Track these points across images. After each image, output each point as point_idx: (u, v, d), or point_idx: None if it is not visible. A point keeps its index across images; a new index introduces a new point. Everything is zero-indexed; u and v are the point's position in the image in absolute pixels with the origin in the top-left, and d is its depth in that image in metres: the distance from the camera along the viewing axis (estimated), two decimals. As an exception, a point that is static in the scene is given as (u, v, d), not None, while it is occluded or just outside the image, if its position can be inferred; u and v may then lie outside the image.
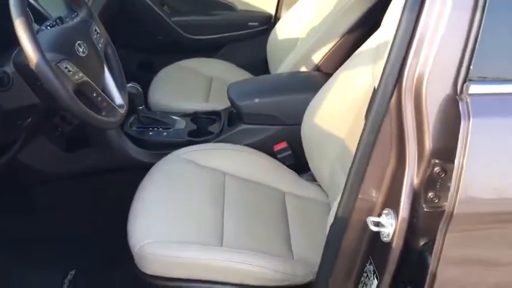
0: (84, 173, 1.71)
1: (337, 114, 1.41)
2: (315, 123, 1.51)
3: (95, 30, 1.33)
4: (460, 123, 0.78)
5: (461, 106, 0.79)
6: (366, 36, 1.43)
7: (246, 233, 1.33)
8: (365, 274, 1.00)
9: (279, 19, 2.42)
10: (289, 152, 1.68)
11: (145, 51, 2.49)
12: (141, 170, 1.53)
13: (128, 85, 1.56)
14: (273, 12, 2.58)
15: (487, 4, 0.78)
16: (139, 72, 2.45)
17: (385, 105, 0.88)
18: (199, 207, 1.38)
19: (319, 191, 1.58)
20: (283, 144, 1.69)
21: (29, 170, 1.64)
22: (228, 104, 1.83)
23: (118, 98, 1.33)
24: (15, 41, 1.17)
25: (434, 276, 0.85)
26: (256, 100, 1.69)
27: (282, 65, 1.95)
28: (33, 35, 1.04)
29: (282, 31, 2.21)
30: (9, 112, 1.17)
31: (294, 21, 2.14)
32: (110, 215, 1.48)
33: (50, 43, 1.13)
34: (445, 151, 0.82)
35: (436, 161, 0.84)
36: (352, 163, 0.96)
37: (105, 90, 1.28)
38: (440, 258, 0.84)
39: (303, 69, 1.84)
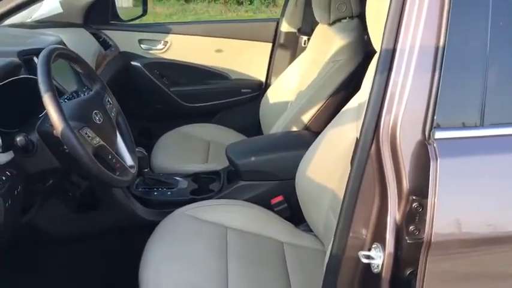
0: (94, 233, 1.81)
1: (327, 166, 1.54)
2: (308, 177, 1.63)
3: (108, 101, 1.49)
4: (429, 164, 0.93)
5: (430, 149, 0.94)
6: (349, 97, 1.58)
7: (248, 278, 1.42)
8: (360, 306, 1.10)
9: (269, 85, 2.61)
10: (286, 205, 1.80)
11: (145, 118, 2.67)
12: (148, 227, 1.62)
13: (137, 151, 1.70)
14: (263, 79, 2.78)
15: (443, 65, 0.95)
16: (140, 138, 2.61)
17: (366, 152, 1.02)
18: (204, 261, 1.47)
19: (315, 240, 1.67)
20: (280, 198, 1.81)
21: (38, 231, 1.73)
22: (225, 164, 1.97)
23: (129, 160, 1.48)
24: (36, 112, 1.33)
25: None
26: (253, 158, 1.84)
27: (274, 126, 2.12)
28: (60, 107, 1.19)
29: (272, 96, 2.40)
30: (33, 176, 1.30)
31: (283, 87, 2.34)
32: (118, 272, 1.57)
33: (71, 113, 1.28)
34: (420, 188, 0.95)
35: (414, 198, 0.97)
36: (342, 205, 1.09)
37: (117, 153, 1.42)
38: (424, 283, 0.96)
39: (294, 129, 2.01)
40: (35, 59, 1.56)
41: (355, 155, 1.06)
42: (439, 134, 0.95)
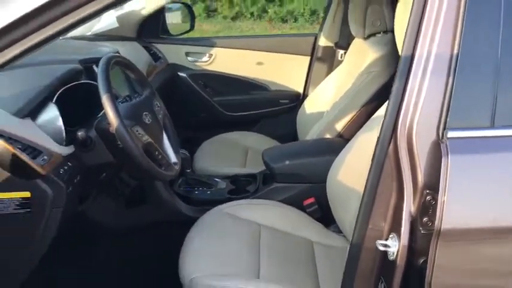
0: (141, 227, 1.97)
1: (356, 170, 1.64)
2: (338, 180, 1.73)
3: (156, 104, 1.66)
4: (441, 160, 1.02)
5: (442, 147, 1.03)
6: (381, 107, 1.69)
7: (278, 271, 1.53)
8: (379, 292, 1.20)
9: (306, 97, 2.74)
10: (317, 206, 1.90)
11: (190, 126, 2.84)
12: (189, 223, 1.76)
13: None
14: (301, 91, 2.91)
15: (457, 69, 1.05)
16: (185, 144, 2.78)
17: (385, 151, 1.13)
18: (238, 254, 1.59)
19: (344, 241, 1.75)
20: (311, 200, 1.91)
21: (92, 224, 1.91)
22: (262, 168, 2.10)
23: (173, 157, 1.63)
24: (95, 113, 1.51)
25: (429, 285, 1.05)
26: (287, 162, 1.96)
27: (309, 134, 2.23)
28: (116, 107, 1.36)
29: (309, 106, 2.52)
30: (90, 168, 1.48)
31: (319, 98, 2.46)
32: (162, 263, 1.71)
33: (124, 113, 1.44)
34: (434, 183, 1.05)
35: (428, 192, 1.06)
36: (362, 199, 1.20)
37: (163, 150, 1.58)
38: (433, 271, 1.04)
39: (327, 136, 2.12)
40: (94, 67, 1.75)
41: (374, 153, 1.16)
42: (451, 134, 1.04)
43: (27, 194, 1.24)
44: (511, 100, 1.06)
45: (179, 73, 2.84)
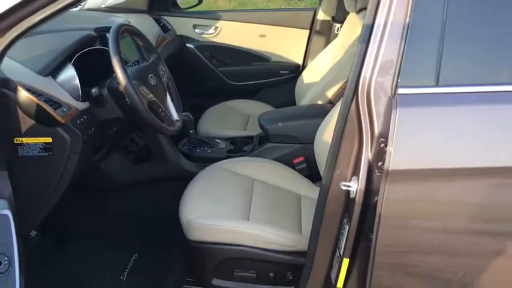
0: (148, 181, 2.21)
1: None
2: (323, 140, 1.92)
3: (161, 68, 1.87)
4: (391, 112, 1.22)
5: (393, 102, 1.23)
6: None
7: (267, 214, 1.75)
8: (342, 226, 1.41)
9: (305, 67, 2.93)
10: (305, 164, 2.11)
11: (196, 94, 3.06)
12: (190, 178, 1.97)
13: (182, 113, 2.08)
14: (300, 62, 3.10)
15: (408, 37, 1.24)
16: (191, 111, 2.99)
17: (349, 106, 1.33)
18: (232, 198, 1.81)
19: None
20: (301, 158, 2.12)
21: (105, 177, 2.15)
22: (260, 132, 2.31)
23: (175, 116, 1.85)
24: (107, 75, 1.73)
25: (379, 217, 1.26)
26: (280, 124, 2.17)
27: (303, 101, 2.43)
28: (124, 68, 1.57)
29: (306, 77, 2.71)
30: (102, 122, 1.70)
31: (315, 69, 2.64)
32: (165, 212, 1.94)
33: (131, 74, 1.65)
34: (387, 133, 1.25)
35: (382, 140, 1.26)
36: (330, 148, 1.41)
37: (166, 109, 1.80)
38: (382, 207, 1.25)
39: (319, 102, 2.31)
40: (107, 34, 1.96)
41: (340, 109, 1.37)
42: (401, 91, 1.24)
43: (49, 140, 1.47)
44: (452, 63, 1.25)
45: (187, 44, 3.04)
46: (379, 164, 1.27)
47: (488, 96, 1.24)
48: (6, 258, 1.03)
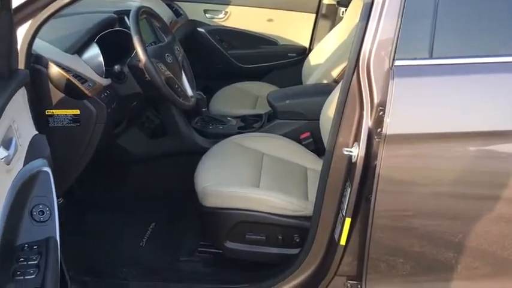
0: (163, 155, 2.35)
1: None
2: (329, 116, 2.00)
3: (176, 48, 2.01)
4: (389, 82, 1.35)
5: (390, 73, 1.36)
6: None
7: (276, 183, 1.87)
8: (345, 189, 1.54)
9: (312, 50, 3.05)
10: (311, 139, 2.23)
11: (207, 77, 3.17)
12: (203, 153, 2.10)
13: (196, 92, 2.21)
14: (307, 45, 3.22)
15: (404, 13, 1.36)
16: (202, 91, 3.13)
17: (350, 78, 1.45)
18: (243, 169, 1.94)
19: None
20: (307, 134, 2.24)
21: (124, 151, 2.29)
22: (268, 110, 2.44)
23: (190, 92, 1.99)
24: (127, 55, 1.86)
25: (378, 179, 1.39)
26: (287, 101, 2.29)
27: (309, 80, 2.56)
28: (145, 47, 1.71)
29: (312, 59, 2.83)
30: (123, 98, 1.84)
31: (321, 51, 2.76)
32: (180, 185, 2.07)
33: (150, 53, 1.79)
34: (385, 101, 1.37)
35: (380, 108, 1.39)
36: (333, 117, 1.54)
37: (182, 85, 1.94)
38: (381, 167, 1.38)
39: (325, 81, 2.44)
40: (126, 18, 2.10)
41: (343, 82, 1.49)
42: (398, 63, 1.36)
43: (77, 111, 1.61)
44: (444, 37, 1.37)
45: (198, 28, 3.17)
46: (378, 130, 1.40)
47: (477, 67, 1.37)
48: (48, 209, 1.17)
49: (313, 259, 1.66)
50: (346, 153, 1.47)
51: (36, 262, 1.02)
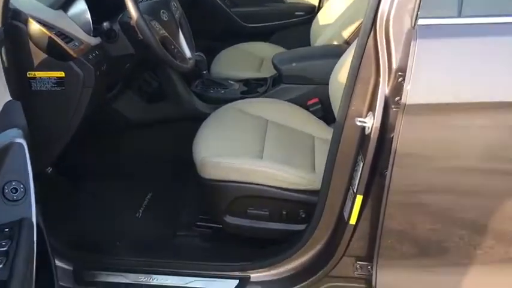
0: (160, 121, 2.21)
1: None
2: (338, 81, 1.87)
3: (174, 4, 1.83)
4: (411, 43, 1.18)
5: (413, 33, 1.19)
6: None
7: (280, 154, 1.74)
8: (356, 163, 1.40)
9: (321, 8, 2.85)
10: (320, 106, 2.09)
11: (209, 37, 2.99)
12: (203, 119, 1.96)
13: (196, 54, 2.04)
14: (316, 3, 3.01)
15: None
16: (204, 54, 2.96)
17: (366, 39, 1.29)
18: (246, 138, 1.80)
19: None
20: (315, 100, 2.10)
21: (119, 116, 2.16)
22: (274, 73, 2.28)
23: (188, 53, 1.82)
24: (118, 12, 1.69)
25: (395, 153, 1.24)
26: (294, 64, 2.13)
27: (318, 41, 2.38)
28: (136, 3, 1.54)
29: (322, 18, 2.64)
30: (115, 58, 1.68)
31: (331, 10, 2.57)
32: (179, 152, 1.95)
33: (143, 9, 1.62)
34: (405, 66, 1.21)
35: (400, 74, 1.23)
36: (345, 84, 1.38)
37: (179, 45, 1.77)
38: (399, 139, 1.23)
39: (335, 43, 2.26)
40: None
41: (358, 42, 1.33)
42: (422, 21, 1.19)
43: (61, 74, 1.46)
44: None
45: (199, -16, 2.97)
46: (396, 99, 1.25)
47: (512, 27, 1.20)
48: (22, 185, 1.04)
49: (320, 237, 1.55)
50: (359, 123, 1.33)
51: (5, 249, 0.89)
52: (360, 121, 1.32)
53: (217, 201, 1.70)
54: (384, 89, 1.28)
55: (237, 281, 1.60)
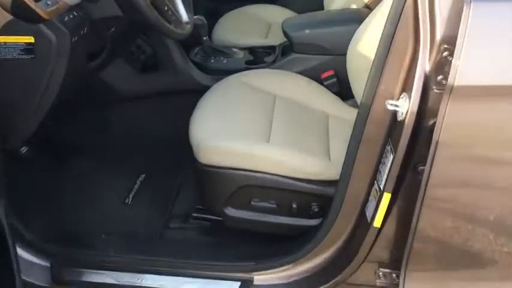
0: (155, 93, 1.97)
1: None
2: (359, 52, 1.62)
3: (168, -43, 1.55)
4: (463, 10, 0.92)
5: (466, -5, 0.93)
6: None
7: (290, 136, 1.51)
8: (384, 155, 1.16)
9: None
10: (335, 79, 1.83)
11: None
12: (203, 92, 1.74)
13: (195, 17, 1.78)
14: (331, -39, 2.70)
15: None
16: (206, 18, 2.68)
17: (403, 2, 1.03)
18: (250, 116, 1.58)
19: None
20: (330, 72, 1.84)
21: (107, 87, 1.92)
22: (283, 41, 2.02)
23: (185, 17, 1.56)
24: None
25: (436, 144, 1.01)
26: (307, 31, 1.87)
27: (333, 5, 2.10)
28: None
29: (337, -23, 2.35)
30: (97, 21, 1.42)
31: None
32: (175, 129, 1.71)
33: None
34: (453, 37, 0.96)
35: (445, 47, 0.98)
36: (375, 56, 1.13)
37: (174, 8, 1.50)
38: (441, 132, 0.99)
39: (353, 7, 1.99)
40: None
41: (393, 4, 1.07)
42: (477, -20, 0.94)
43: (30, 39, 1.22)
44: None
45: None
46: (439, 78, 1.01)
47: None
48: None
49: (336, 237, 1.33)
50: (390, 107, 1.08)
51: None
52: (391, 104, 1.08)
53: (217, 191, 1.48)
54: (424, 66, 1.03)
55: (238, 284, 1.39)
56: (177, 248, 1.50)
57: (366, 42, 1.60)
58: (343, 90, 1.82)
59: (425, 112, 1.04)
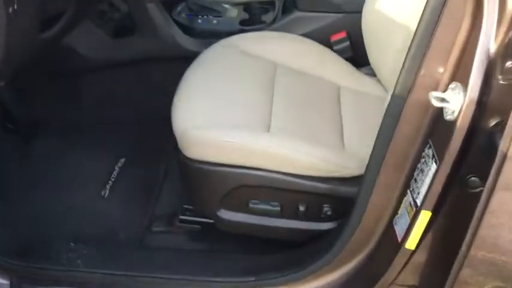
0: (131, 61, 1.70)
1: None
2: (378, 10, 1.36)
3: None
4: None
5: None
6: None
7: (295, 121, 1.28)
8: (423, 159, 0.90)
9: None
10: (348, 43, 1.60)
11: None
12: (189, 59, 1.49)
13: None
14: None
15: None
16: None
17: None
18: (247, 94, 1.34)
19: (378, 87, 1.47)
20: (342, 34, 1.61)
21: (75, 55, 1.66)
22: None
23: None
24: None
25: (504, 158, 0.74)
26: (313, -17, 1.59)
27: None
28: None
29: None
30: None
31: None
32: (157, 105, 1.46)
33: None
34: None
35: (522, 20, 0.70)
36: (416, 31, 0.84)
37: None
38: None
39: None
40: None
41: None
42: None
43: None
44: None
45: None
46: (508, 64, 0.74)
47: None
48: None
49: (357, 249, 1.11)
50: (434, 102, 0.81)
51: None
52: (437, 98, 0.80)
53: (208, 191, 1.25)
54: (487, 46, 0.76)
55: (234, 304, 1.17)
56: (160, 259, 1.26)
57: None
58: (357, 56, 1.59)
59: (485, 110, 0.77)
